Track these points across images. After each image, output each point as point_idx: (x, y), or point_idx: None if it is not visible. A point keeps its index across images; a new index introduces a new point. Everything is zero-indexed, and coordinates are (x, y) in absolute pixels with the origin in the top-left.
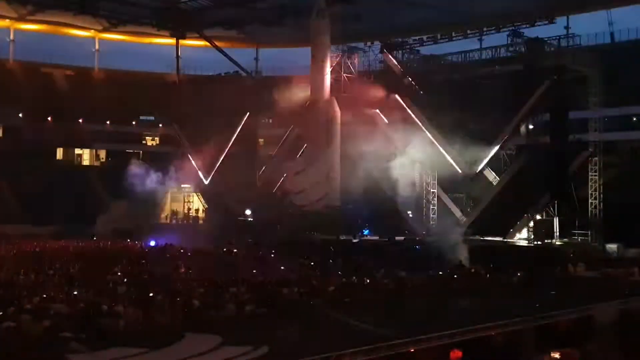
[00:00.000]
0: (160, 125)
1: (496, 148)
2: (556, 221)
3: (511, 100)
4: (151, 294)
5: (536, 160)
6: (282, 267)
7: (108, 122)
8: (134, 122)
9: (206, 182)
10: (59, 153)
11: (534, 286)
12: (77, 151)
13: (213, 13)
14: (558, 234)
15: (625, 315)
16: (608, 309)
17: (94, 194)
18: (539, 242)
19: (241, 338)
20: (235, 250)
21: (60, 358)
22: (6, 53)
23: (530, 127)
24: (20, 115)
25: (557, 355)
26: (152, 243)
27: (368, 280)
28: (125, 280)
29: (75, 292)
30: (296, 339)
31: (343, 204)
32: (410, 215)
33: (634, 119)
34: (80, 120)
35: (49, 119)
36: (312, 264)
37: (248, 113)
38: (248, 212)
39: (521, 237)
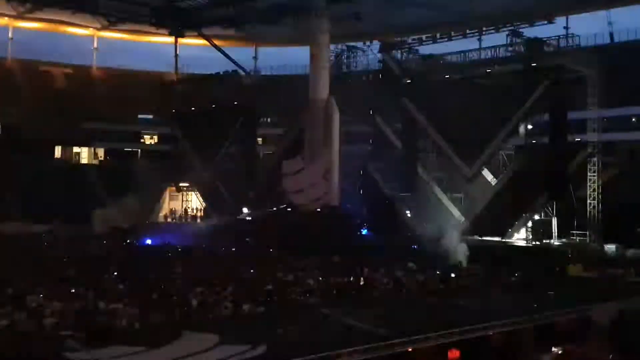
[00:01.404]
0: (159, 124)
1: (495, 148)
2: (554, 221)
3: (510, 100)
4: (149, 293)
5: (535, 160)
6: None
7: (106, 121)
8: (132, 121)
9: (204, 181)
10: (58, 151)
11: (532, 286)
12: (76, 149)
13: (212, 11)
14: (556, 234)
15: (624, 315)
16: (606, 309)
17: (93, 193)
18: (537, 243)
19: (239, 337)
20: (234, 249)
21: (58, 356)
22: (5, 51)
23: (529, 127)
24: (19, 113)
25: (559, 351)
26: (149, 242)
27: (367, 280)
28: (123, 279)
29: (73, 291)
30: (294, 339)
31: (342, 204)
32: (409, 215)
33: (633, 119)
34: (79, 119)
35: (48, 117)
36: (311, 263)
37: (247, 112)
38: (245, 210)
39: (519, 237)
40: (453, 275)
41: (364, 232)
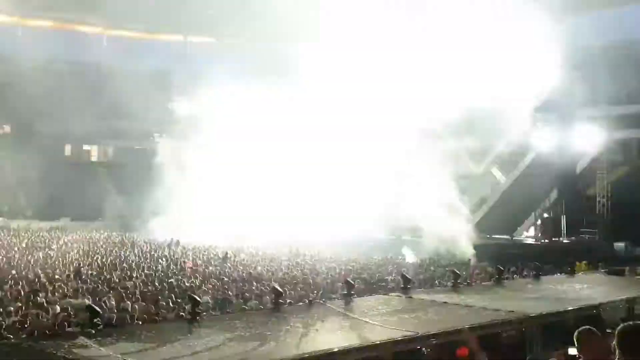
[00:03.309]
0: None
1: (503, 146)
2: (564, 219)
3: None
4: (159, 289)
5: (544, 158)
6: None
7: (116, 119)
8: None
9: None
10: (67, 149)
11: (541, 284)
12: (86, 147)
13: (221, 10)
14: (565, 232)
15: (632, 314)
16: (615, 306)
17: (102, 190)
18: (546, 240)
19: (247, 334)
20: None
21: (68, 352)
22: (14, 49)
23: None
24: (29, 111)
25: (568, 348)
26: (160, 239)
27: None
28: (133, 275)
29: (83, 287)
30: (301, 335)
31: None
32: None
33: None
34: (89, 117)
35: (58, 115)
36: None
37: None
38: None
39: (528, 235)
40: (462, 273)
41: None
